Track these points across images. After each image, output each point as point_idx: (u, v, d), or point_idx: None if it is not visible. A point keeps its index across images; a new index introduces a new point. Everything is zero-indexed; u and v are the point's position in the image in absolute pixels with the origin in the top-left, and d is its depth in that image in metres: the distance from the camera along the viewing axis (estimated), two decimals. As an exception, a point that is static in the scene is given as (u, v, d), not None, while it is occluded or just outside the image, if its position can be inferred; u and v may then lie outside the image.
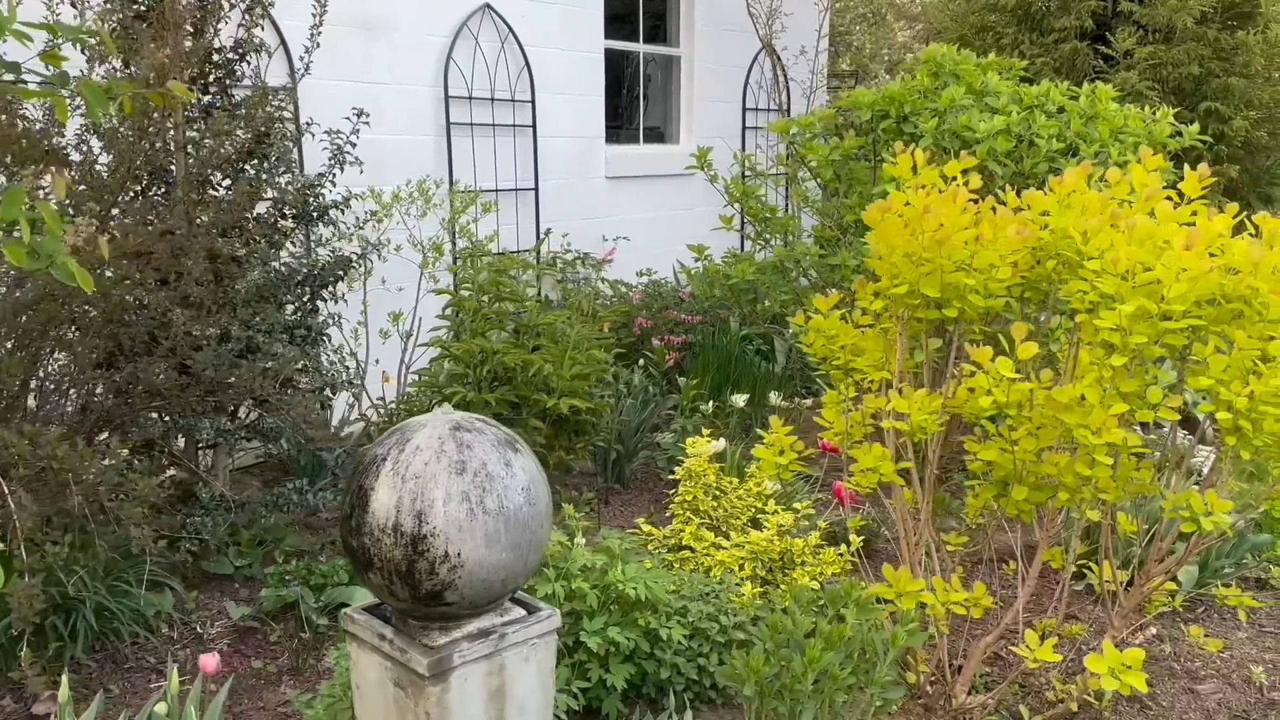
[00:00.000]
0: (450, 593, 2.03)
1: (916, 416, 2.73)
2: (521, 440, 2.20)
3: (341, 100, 5.26)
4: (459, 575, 2.01)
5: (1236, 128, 7.36)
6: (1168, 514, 2.61)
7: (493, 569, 2.04)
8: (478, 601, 2.08)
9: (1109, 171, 3.00)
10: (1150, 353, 2.54)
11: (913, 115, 4.48)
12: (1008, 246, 2.72)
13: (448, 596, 2.04)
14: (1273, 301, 2.48)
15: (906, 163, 3.17)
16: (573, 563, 2.89)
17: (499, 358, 3.91)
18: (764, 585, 3.43)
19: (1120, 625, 3.04)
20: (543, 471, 2.20)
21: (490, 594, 2.08)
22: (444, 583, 2.01)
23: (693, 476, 3.55)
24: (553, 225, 6.63)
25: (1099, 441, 2.45)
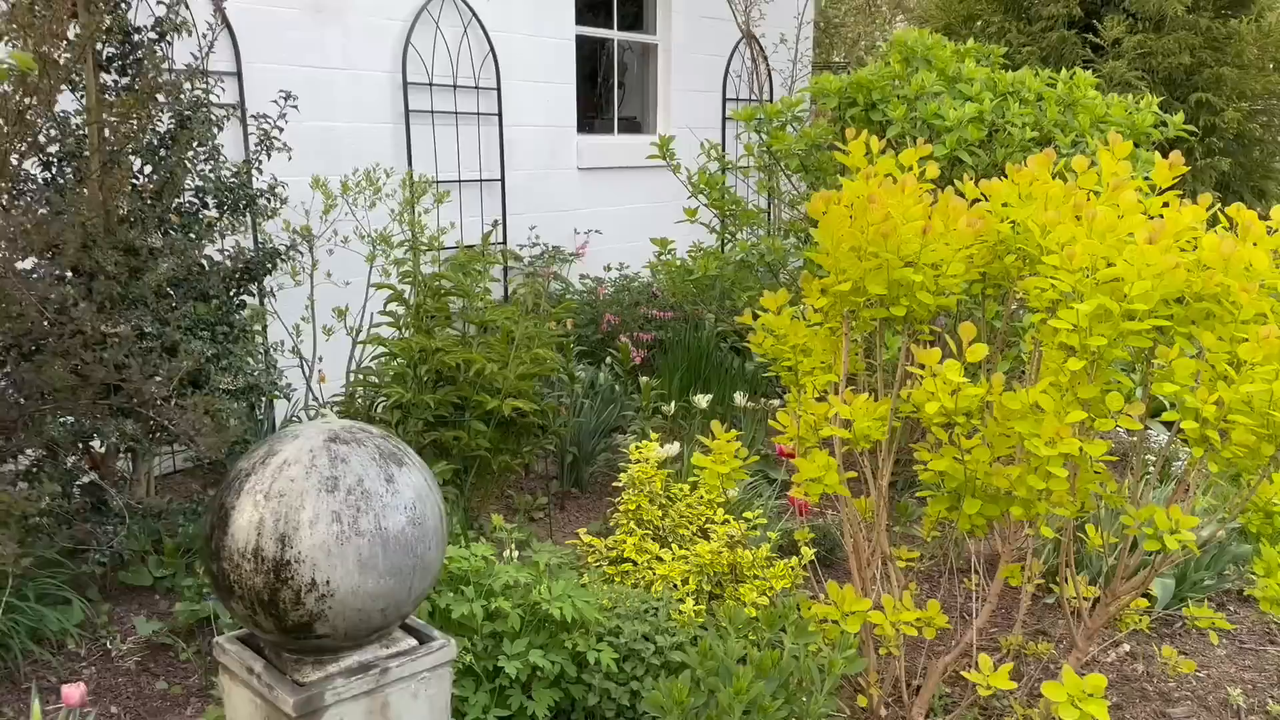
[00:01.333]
0: (320, 625, 1.82)
1: (861, 424, 2.52)
2: (410, 453, 1.99)
3: (290, 87, 5.03)
4: (329, 606, 1.81)
5: (1229, 119, 7.14)
6: (1130, 531, 2.40)
7: (369, 598, 1.83)
8: (355, 633, 1.88)
9: (1075, 159, 2.79)
10: (1111, 355, 2.33)
11: (881, 102, 4.26)
12: (960, 240, 2.51)
13: (318, 629, 1.83)
14: (1244, 300, 2.27)
15: (860, 150, 2.97)
16: (495, 579, 2.69)
17: (439, 356, 3.71)
18: (713, 600, 3.22)
19: (1085, 646, 2.83)
20: (435, 487, 2.00)
21: (369, 625, 1.88)
22: (312, 614, 1.81)
23: (636, 484, 3.34)
24: (522, 218, 6.42)
25: (1052, 453, 2.24)
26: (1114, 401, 2.30)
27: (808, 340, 2.95)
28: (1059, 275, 2.35)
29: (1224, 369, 2.24)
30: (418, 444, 3.73)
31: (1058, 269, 2.33)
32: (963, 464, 2.50)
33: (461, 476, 3.85)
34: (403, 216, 4.57)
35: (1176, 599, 3.71)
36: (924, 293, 2.53)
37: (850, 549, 2.88)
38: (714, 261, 4.61)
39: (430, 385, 3.88)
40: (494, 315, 3.88)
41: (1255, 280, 2.37)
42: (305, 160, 5.07)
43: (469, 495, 3.96)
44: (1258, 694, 3.27)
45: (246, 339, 3.52)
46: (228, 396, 3.39)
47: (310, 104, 5.16)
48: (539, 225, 6.55)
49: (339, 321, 4.40)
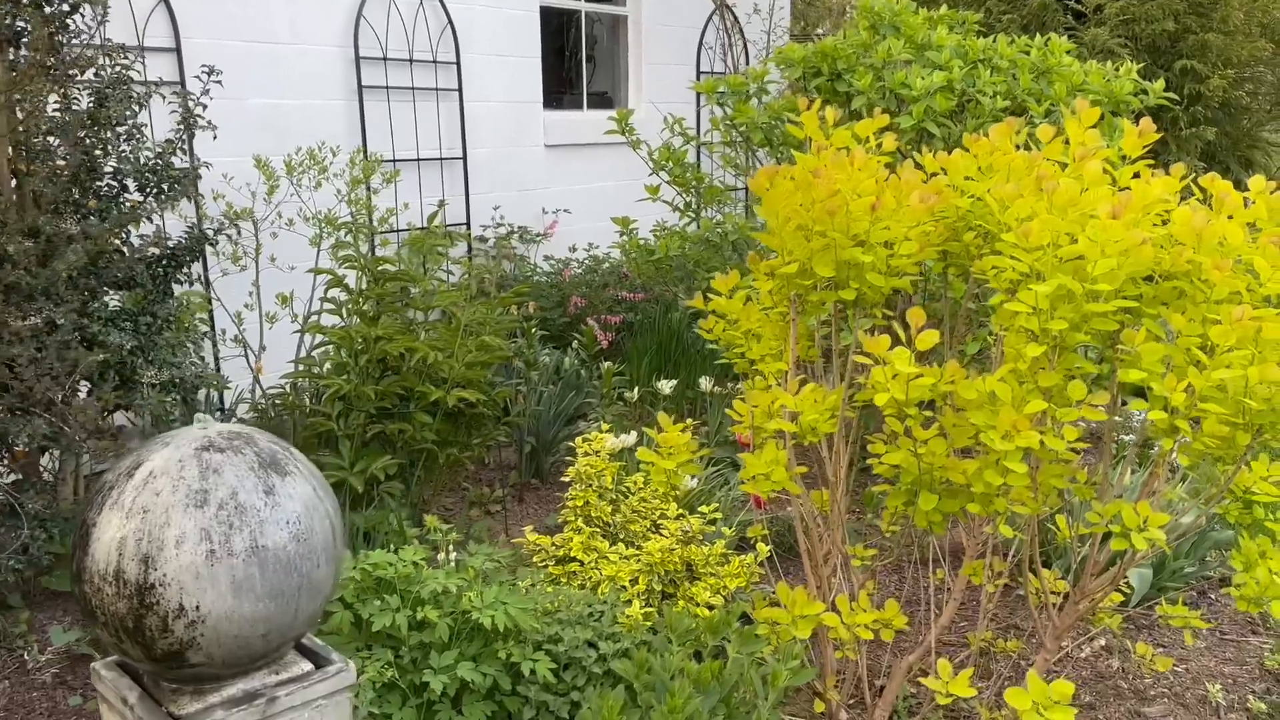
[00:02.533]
0: (193, 653, 1.65)
1: (808, 416, 2.34)
2: (299, 460, 1.81)
3: (233, 63, 4.83)
4: (200, 633, 1.63)
5: (1214, 87, 6.95)
6: (1096, 529, 2.23)
7: (246, 623, 1.66)
8: (235, 661, 1.70)
9: (1039, 129, 2.60)
10: (1074, 340, 2.16)
11: (846, 72, 4.07)
12: (912, 217, 2.32)
13: (191, 657, 1.66)
14: (1216, 278, 2.10)
15: (813, 121, 2.78)
16: (423, 587, 2.51)
17: (382, 345, 3.52)
18: (667, 600, 3.06)
19: (1054, 647, 2.67)
20: (327, 495, 1.82)
21: (249, 652, 1.70)
22: (183, 641, 1.63)
23: (584, 479, 3.16)
24: (486, 197, 6.22)
25: (1009, 447, 2.07)
26: (1076, 390, 2.12)
27: (760, 325, 2.77)
28: (1016, 254, 2.17)
29: (1195, 353, 2.06)
30: (361, 437, 3.55)
31: (1015, 247, 2.15)
32: (918, 457, 2.33)
33: (408, 471, 3.67)
34: (350, 197, 4.37)
35: (1155, 589, 3.55)
36: (874, 274, 2.35)
37: (804, 549, 2.71)
38: (676, 241, 4.42)
39: (375, 375, 3.70)
40: (441, 300, 3.68)
41: (1229, 256, 2.20)
42: (252, 139, 4.87)
43: (418, 490, 3.79)
44: (1238, 689, 3.11)
45: (173, 329, 3.33)
46: (159, 391, 3.20)
47: (256, 80, 4.96)
48: (506, 204, 6.35)
49: (283, 308, 4.20)
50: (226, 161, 4.68)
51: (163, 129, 4.11)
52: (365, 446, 3.63)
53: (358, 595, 2.54)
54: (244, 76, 4.91)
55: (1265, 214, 2.33)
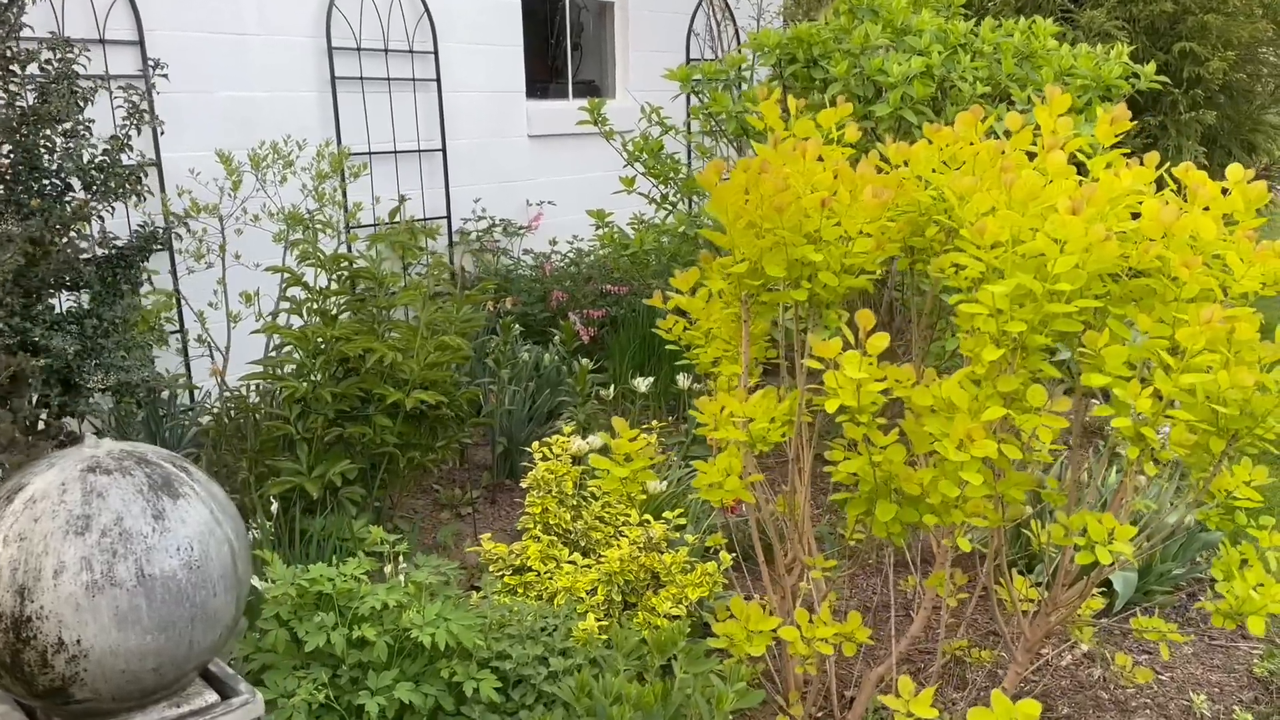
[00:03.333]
0: (78, 689, 1.54)
1: (758, 424, 2.23)
2: (198, 481, 1.69)
3: (199, 55, 4.74)
4: (83, 668, 1.52)
5: (1213, 69, 6.78)
6: (1059, 541, 2.11)
7: (133, 657, 1.55)
8: (124, 696, 1.60)
9: (1008, 116, 2.47)
10: (1035, 342, 2.03)
11: (822, 58, 3.93)
12: (866, 213, 2.20)
13: (75, 693, 1.55)
14: (1185, 276, 1.97)
15: (773, 111, 2.66)
16: (362, 603, 2.41)
17: (339, 345, 3.41)
18: (628, 610, 2.95)
19: (1025, 660, 2.56)
20: (230, 518, 1.71)
21: (140, 687, 1.60)
22: (65, 677, 1.53)
23: (542, 485, 3.05)
24: (468, 189, 6.10)
25: (964, 456, 1.95)
26: (1036, 396, 2.00)
27: (719, 325, 2.65)
28: (973, 251, 2.05)
29: (1163, 356, 1.94)
30: (320, 441, 3.45)
31: (971, 243, 2.02)
32: (875, 466, 2.21)
33: (370, 475, 3.57)
34: (317, 191, 4.26)
35: (1141, 592, 3.43)
36: (828, 274, 2.23)
37: (762, 560, 2.60)
38: (651, 234, 4.29)
39: (335, 377, 3.59)
40: (403, 299, 3.57)
41: (1203, 253, 2.07)
42: (220, 133, 4.77)
43: (383, 494, 3.68)
44: (1224, 698, 2.99)
45: (119, 331, 3.22)
46: (111, 396, 3.10)
47: (224, 73, 4.85)
48: (488, 197, 6.23)
49: (248, 307, 4.10)
50: (193, 156, 4.59)
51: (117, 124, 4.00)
52: (326, 450, 3.52)
53: (295, 612, 2.44)
54: (211, 69, 4.80)
55: (1242, 206, 2.20)
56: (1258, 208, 2.20)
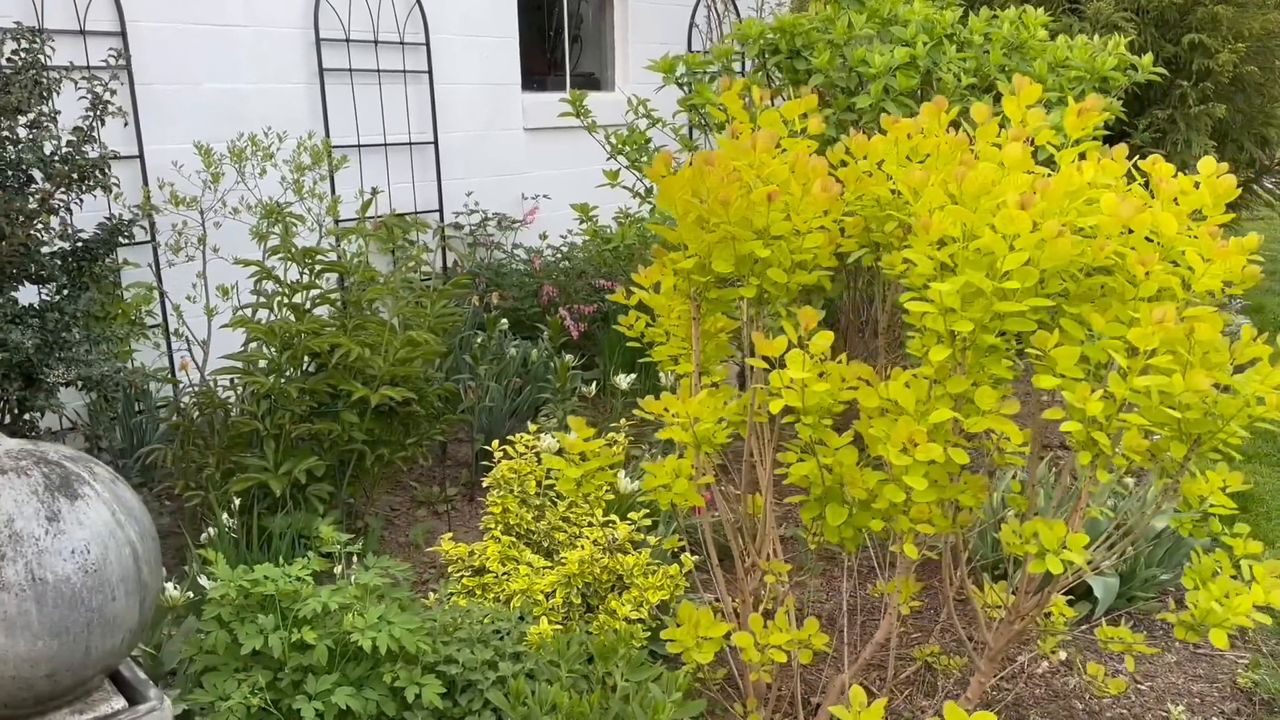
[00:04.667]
0: (-35, 696, 1.50)
1: (704, 425, 2.16)
2: (100, 482, 1.64)
3: (184, 46, 4.70)
4: (-32, 675, 1.48)
5: (1223, 62, 6.63)
6: (1012, 549, 2.04)
7: (24, 663, 1.50)
8: (17, 703, 1.55)
9: (974, 107, 2.39)
10: (984, 342, 1.95)
11: (805, 49, 3.85)
12: (815, 207, 2.12)
13: (-37, 701, 1.50)
14: (1140, 273, 1.88)
15: (735, 102, 2.59)
16: (304, 606, 2.35)
17: (305, 341, 3.36)
18: (590, 613, 2.88)
19: (989, 670, 2.48)
20: (134, 520, 1.66)
21: (34, 694, 1.55)
22: (-50, 685, 1.48)
23: (502, 484, 2.99)
24: (461, 183, 6.05)
25: (908, 461, 1.87)
26: (984, 398, 1.92)
27: (675, 322, 2.58)
28: (921, 247, 1.97)
29: (1117, 358, 1.86)
30: (287, 437, 3.40)
31: (917, 240, 1.95)
32: (824, 470, 2.14)
33: (338, 472, 3.52)
34: (296, 184, 4.21)
35: (1125, 598, 3.34)
36: (776, 270, 2.15)
37: (715, 564, 2.52)
38: (633, 228, 4.23)
39: (307, 372, 3.55)
40: (372, 294, 3.52)
41: (1166, 250, 1.99)
42: (206, 125, 4.73)
43: (352, 491, 3.63)
44: (1204, 709, 2.90)
45: (85, 325, 3.18)
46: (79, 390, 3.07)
47: (210, 65, 4.81)
48: (483, 190, 6.17)
49: (224, 300, 4.05)
50: (177, 149, 4.55)
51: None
52: (295, 447, 3.48)
53: (238, 613, 2.39)
54: (196, 61, 4.76)
55: (1210, 201, 2.11)
56: (1227, 202, 2.12)
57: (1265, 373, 1.95)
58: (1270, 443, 4.93)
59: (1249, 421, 1.96)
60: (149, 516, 1.69)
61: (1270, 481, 4.50)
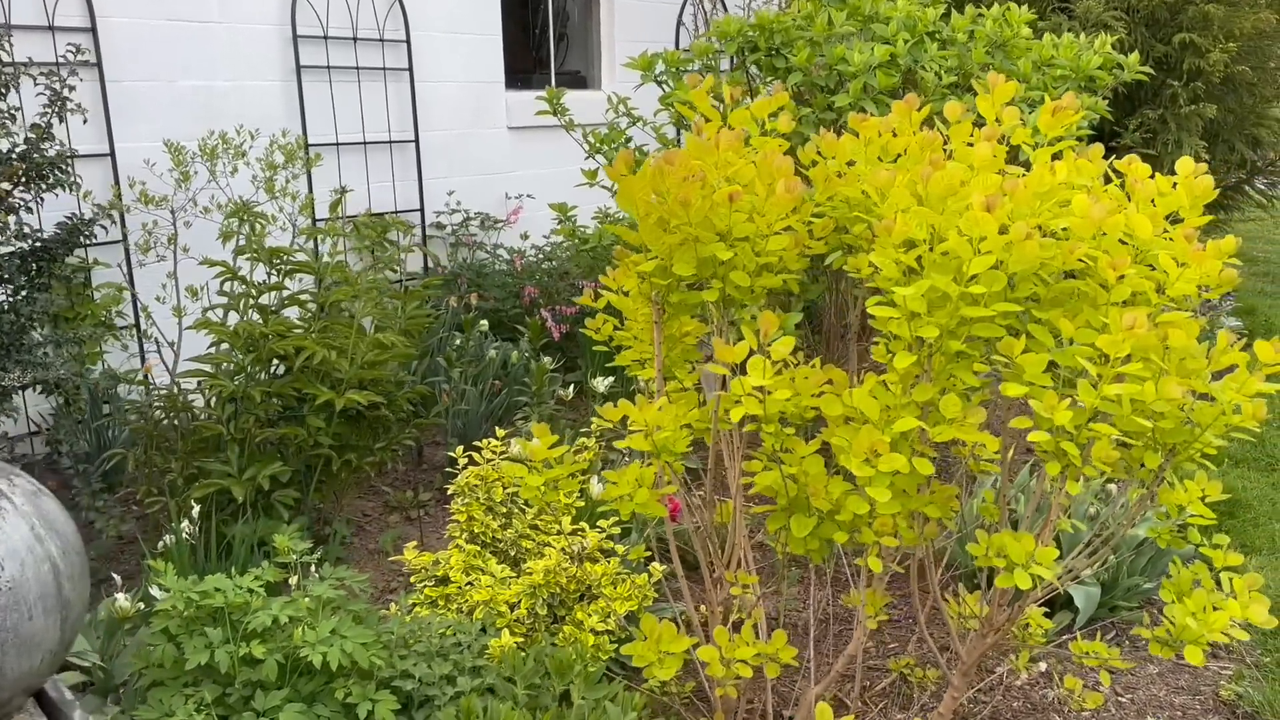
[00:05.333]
0: None
1: (664, 434, 2.08)
2: (19, 495, 1.57)
3: (158, 42, 4.63)
4: None
5: (1214, 61, 6.57)
6: (980, 562, 1.96)
7: (-70, 687, 1.43)
8: (-73, 728, 1.48)
9: (947, 106, 2.32)
10: (951, 348, 1.88)
11: (784, 47, 3.78)
12: (778, 208, 2.05)
13: None
14: (1111, 278, 1.81)
15: (704, 100, 2.52)
16: (254, 619, 2.28)
17: (269, 343, 3.29)
18: (556, 624, 2.81)
19: (962, 685, 2.41)
20: (56, 534, 1.58)
21: (-57, 718, 1.48)
22: None
23: (466, 491, 2.92)
24: (443, 182, 5.98)
25: (870, 472, 1.80)
26: (949, 406, 1.85)
27: (645, 327, 2.51)
28: (884, 250, 1.90)
29: (1085, 366, 1.79)
30: (251, 442, 3.32)
31: (881, 242, 1.88)
32: (790, 479, 2.06)
33: (305, 478, 3.44)
34: (269, 183, 4.13)
35: (1105, 606, 3.27)
36: (739, 273, 2.08)
37: (681, 577, 2.45)
38: (611, 229, 4.14)
39: (272, 375, 3.48)
40: (337, 295, 3.44)
41: (1139, 253, 1.92)
42: (180, 123, 4.67)
43: (320, 497, 3.56)
44: (1185, 724, 2.84)
45: (43, 326, 3.11)
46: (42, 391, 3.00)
47: (185, 61, 4.74)
48: (466, 189, 6.10)
49: (193, 301, 3.98)
50: (150, 147, 4.48)
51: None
52: (261, 451, 3.40)
53: (186, 625, 2.31)
54: (171, 58, 4.69)
55: (1187, 202, 2.04)
56: (1206, 203, 2.05)
57: (1242, 380, 1.88)
58: (1258, 447, 4.87)
59: (1226, 431, 1.89)
60: (75, 530, 1.62)
61: (1257, 486, 4.44)
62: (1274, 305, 7.88)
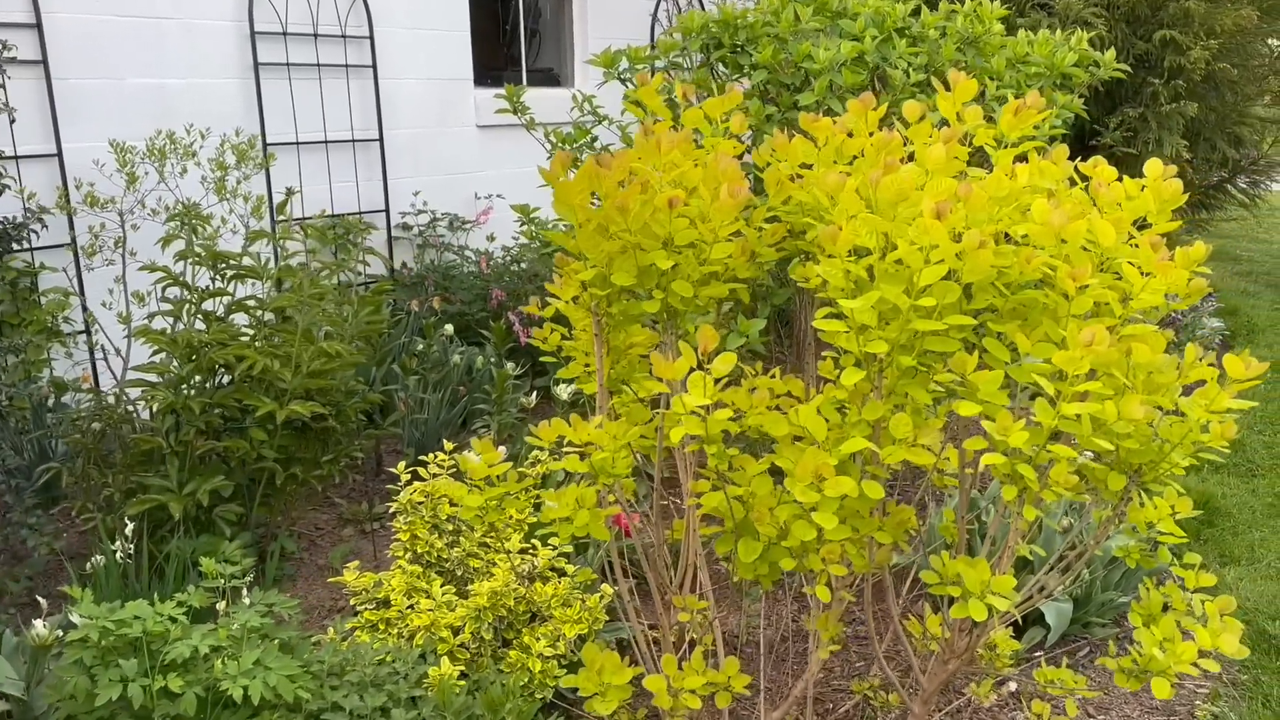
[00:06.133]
0: None
1: (602, 454, 1.96)
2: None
3: (108, 39, 4.50)
4: None
5: (1195, 59, 6.48)
6: (934, 589, 1.85)
7: None
8: None
9: (905, 105, 2.20)
10: (903, 363, 1.77)
11: (749, 44, 3.66)
12: (722, 214, 1.93)
13: None
14: (1071, 288, 1.70)
15: (654, 99, 2.41)
16: (172, 649, 2.15)
17: (209, 352, 3.15)
18: (506, 647, 2.69)
19: (923, 712, 2.29)
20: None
21: None
22: None
23: (409, 510, 2.79)
24: (408, 181, 5.84)
25: (815, 497, 1.69)
26: (899, 426, 1.73)
27: (587, 338, 2.39)
28: (840, 261, 1.78)
29: (1043, 383, 1.67)
30: (194, 455, 3.19)
31: (826, 251, 1.76)
32: (732, 503, 1.94)
33: (250, 491, 3.31)
34: (219, 184, 3.99)
35: (1078, 623, 3.16)
36: (682, 283, 1.96)
37: (626, 601, 2.33)
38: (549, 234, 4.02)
39: (217, 385, 3.34)
40: (281, 301, 3.31)
41: (1104, 261, 1.81)
42: (131, 123, 4.53)
43: (266, 512, 3.43)
44: (1158, 746, 2.73)
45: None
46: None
47: (136, 59, 4.60)
48: (433, 189, 5.97)
49: (141, 306, 3.83)
50: (100, 147, 4.33)
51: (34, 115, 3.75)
52: (205, 465, 3.27)
53: (103, 656, 2.18)
54: (121, 55, 4.55)
55: (1155, 207, 1.93)
56: (1172, 206, 1.94)
57: (1212, 396, 1.77)
58: (1238, 452, 4.77)
59: (1194, 450, 1.78)
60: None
61: (1237, 493, 4.34)
62: (1257, 305, 7.80)
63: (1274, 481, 4.45)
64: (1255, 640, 3.21)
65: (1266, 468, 4.63)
